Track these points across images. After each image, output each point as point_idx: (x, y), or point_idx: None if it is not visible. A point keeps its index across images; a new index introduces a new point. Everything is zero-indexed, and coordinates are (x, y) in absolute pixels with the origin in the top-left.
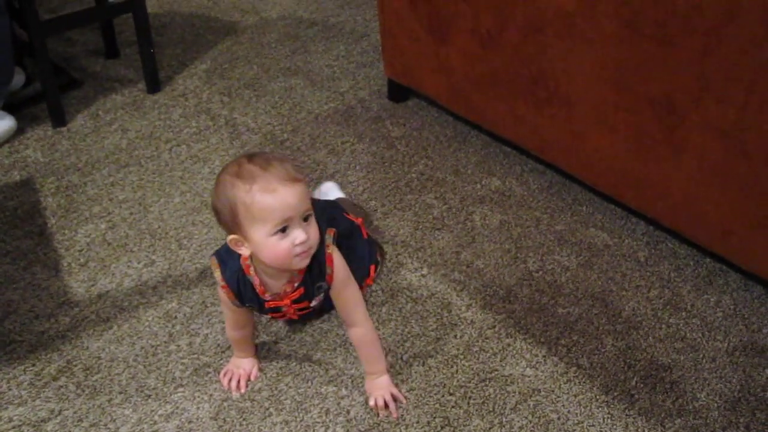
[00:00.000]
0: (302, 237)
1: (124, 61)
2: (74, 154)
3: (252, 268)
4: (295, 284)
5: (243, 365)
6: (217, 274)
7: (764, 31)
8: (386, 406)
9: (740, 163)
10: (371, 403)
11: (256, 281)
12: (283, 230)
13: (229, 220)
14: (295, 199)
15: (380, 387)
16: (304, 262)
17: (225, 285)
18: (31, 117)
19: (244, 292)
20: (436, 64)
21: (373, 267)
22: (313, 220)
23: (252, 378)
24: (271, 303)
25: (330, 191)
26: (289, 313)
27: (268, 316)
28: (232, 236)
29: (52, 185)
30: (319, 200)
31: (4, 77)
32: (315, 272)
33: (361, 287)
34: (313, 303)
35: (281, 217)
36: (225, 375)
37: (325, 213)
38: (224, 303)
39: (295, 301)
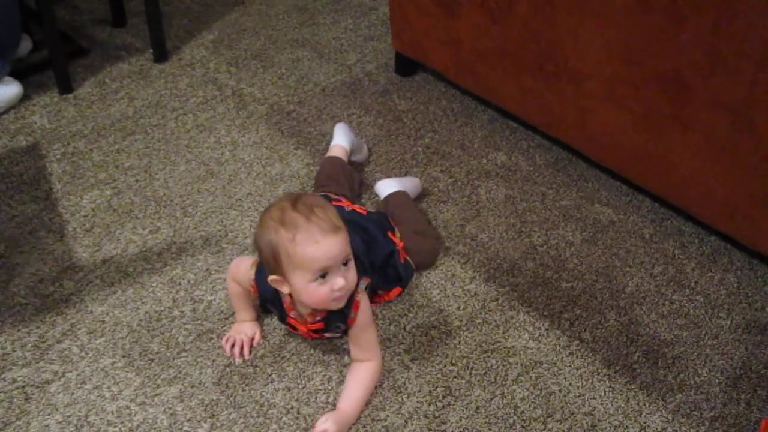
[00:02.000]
0: (341, 283)
1: (131, 30)
2: (80, 121)
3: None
4: (317, 317)
5: (245, 330)
6: (252, 272)
7: None
8: None
9: (748, 141)
10: (318, 428)
11: (287, 299)
12: (323, 276)
13: (271, 262)
14: (336, 250)
15: (332, 428)
16: (341, 303)
17: (254, 286)
18: (38, 84)
19: (271, 298)
20: (445, 38)
21: (398, 289)
22: (351, 264)
23: (254, 344)
24: (291, 320)
25: (386, 188)
26: (303, 334)
27: (284, 325)
28: (273, 276)
29: (57, 151)
30: (370, 214)
31: (11, 44)
32: (337, 312)
33: (373, 302)
34: (327, 335)
35: (321, 267)
36: (227, 341)
37: (367, 235)
38: (233, 280)
39: (313, 330)
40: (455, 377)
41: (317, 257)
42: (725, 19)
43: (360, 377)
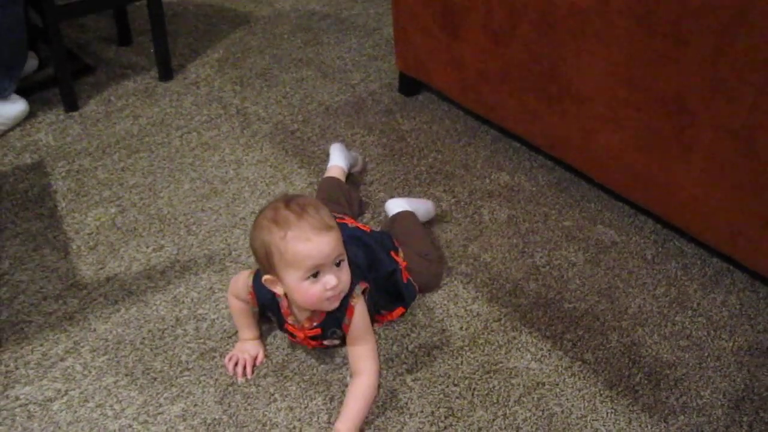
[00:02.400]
0: (333, 282)
1: (136, 49)
2: (85, 139)
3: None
4: (314, 323)
5: (248, 350)
6: (250, 279)
7: None
8: None
9: (749, 164)
10: None
11: (284, 303)
12: (315, 275)
13: (265, 262)
14: (328, 248)
15: None
16: (334, 304)
17: (252, 293)
18: (44, 101)
19: (269, 304)
20: (448, 59)
21: (400, 309)
22: (345, 265)
23: (257, 363)
24: (289, 326)
25: (395, 207)
26: (302, 341)
27: (285, 335)
28: (267, 276)
29: (62, 169)
30: (373, 233)
31: (17, 62)
32: (333, 317)
33: (374, 322)
34: (326, 342)
35: (313, 264)
36: (230, 360)
37: (370, 252)
38: (234, 296)
39: (311, 338)
40: (457, 398)
41: (309, 254)
42: (726, 43)
43: (353, 395)
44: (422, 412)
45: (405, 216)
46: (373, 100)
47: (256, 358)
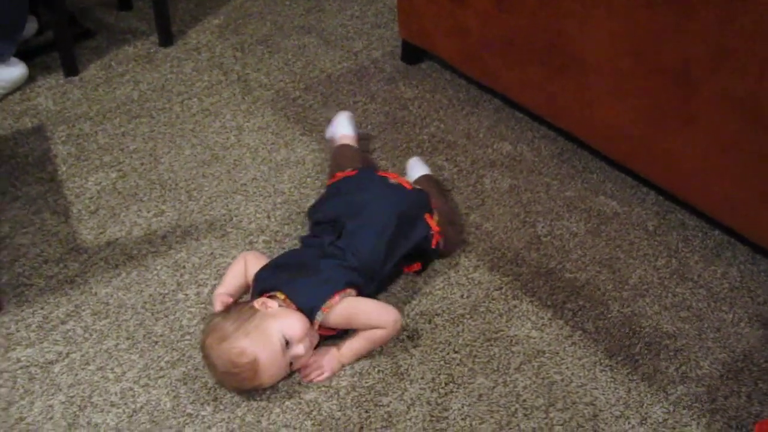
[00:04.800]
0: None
1: (137, 14)
2: (86, 104)
3: None
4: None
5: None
6: (256, 270)
7: None
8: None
9: (753, 135)
10: (310, 361)
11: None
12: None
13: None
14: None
15: (329, 360)
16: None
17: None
18: (44, 66)
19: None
20: (452, 26)
21: (417, 265)
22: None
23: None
24: None
25: (415, 166)
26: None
27: None
28: None
29: (63, 133)
30: (414, 192)
31: (17, 25)
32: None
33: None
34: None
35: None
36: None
37: (404, 221)
38: (246, 263)
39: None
40: (458, 365)
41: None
42: (732, 13)
43: (370, 338)
44: (423, 378)
45: (430, 179)
46: (376, 68)
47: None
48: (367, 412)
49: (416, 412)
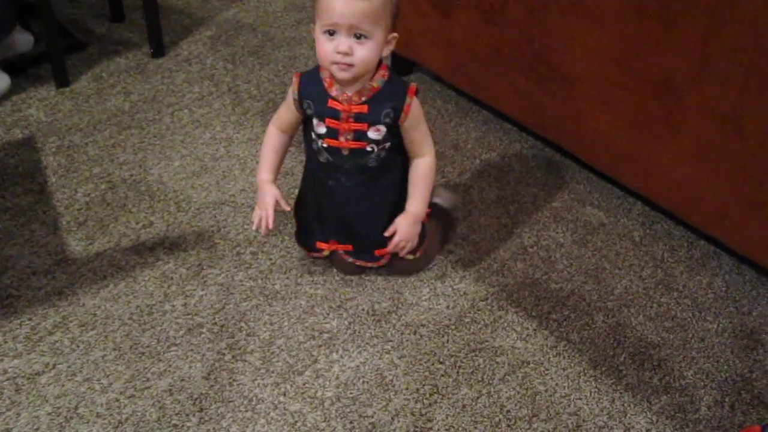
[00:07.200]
0: (343, 47)
1: (128, 26)
2: (76, 115)
3: (326, 70)
4: (363, 98)
5: (267, 202)
6: (295, 79)
7: (765, 14)
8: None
9: (737, 146)
10: (388, 233)
11: (326, 74)
12: (331, 33)
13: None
14: (347, 10)
15: (404, 228)
16: (343, 74)
17: (297, 73)
18: (35, 77)
19: (310, 85)
20: (440, 38)
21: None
22: (367, 43)
23: (279, 208)
24: (333, 102)
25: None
26: (343, 131)
27: (322, 142)
28: (312, 25)
29: (53, 144)
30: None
31: (1, 27)
32: (384, 96)
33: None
34: (371, 133)
35: (328, 19)
36: (254, 220)
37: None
38: (276, 125)
39: (355, 119)
40: (443, 375)
41: (327, 7)
42: (716, 26)
43: (419, 173)
44: (407, 389)
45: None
46: None
47: (275, 205)
48: (351, 423)
49: (400, 423)
